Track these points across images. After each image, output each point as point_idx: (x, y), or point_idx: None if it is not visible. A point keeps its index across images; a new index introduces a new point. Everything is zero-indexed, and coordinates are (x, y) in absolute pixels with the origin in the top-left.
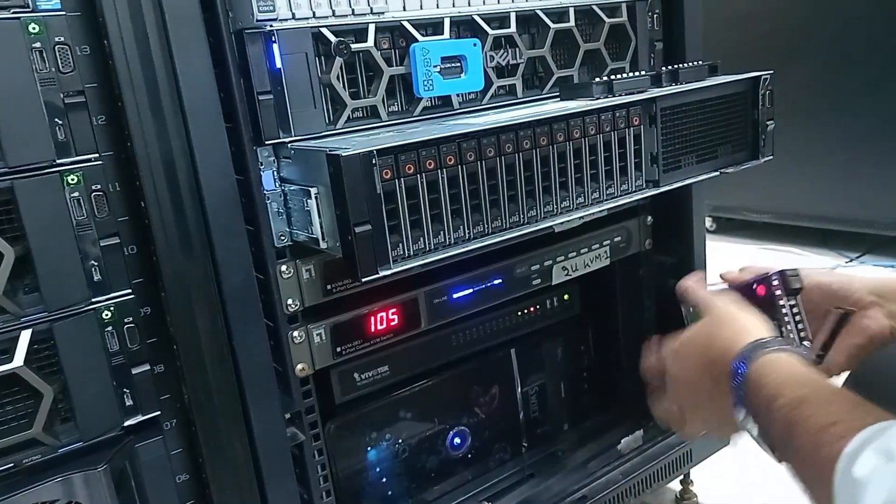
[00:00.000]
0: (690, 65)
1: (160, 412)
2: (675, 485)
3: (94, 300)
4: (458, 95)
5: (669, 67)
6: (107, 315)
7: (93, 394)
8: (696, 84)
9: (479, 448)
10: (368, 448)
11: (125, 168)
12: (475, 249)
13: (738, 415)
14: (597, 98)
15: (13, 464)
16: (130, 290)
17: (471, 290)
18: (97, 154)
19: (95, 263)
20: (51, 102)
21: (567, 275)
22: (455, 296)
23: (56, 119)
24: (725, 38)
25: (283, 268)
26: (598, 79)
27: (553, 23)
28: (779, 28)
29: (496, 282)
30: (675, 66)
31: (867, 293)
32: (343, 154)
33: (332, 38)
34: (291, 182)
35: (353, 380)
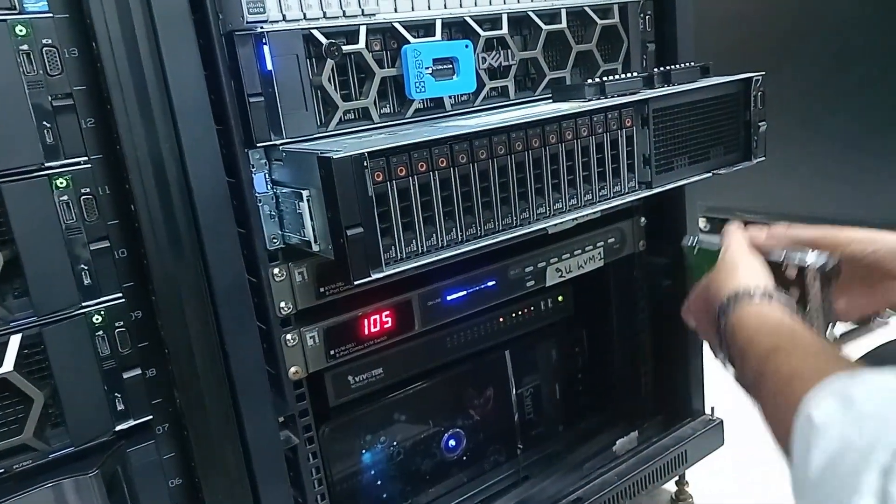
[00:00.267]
0: (682, 66)
1: (152, 416)
2: (671, 486)
3: (85, 304)
4: (451, 97)
5: (662, 69)
6: (97, 319)
7: (83, 398)
8: (689, 85)
9: (474, 450)
10: (363, 451)
11: (115, 171)
12: (468, 252)
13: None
14: (589, 99)
15: (3, 469)
16: (121, 294)
17: (464, 293)
18: (86, 157)
19: (85, 267)
20: (39, 105)
21: (561, 276)
22: (449, 298)
23: (44, 122)
24: (717, 40)
25: (276, 271)
26: (591, 80)
27: (545, 24)
28: (771, 29)
29: (490, 284)
30: (668, 68)
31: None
32: (334, 156)
33: (323, 40)
34: (283, 184)
35: (347, 382)
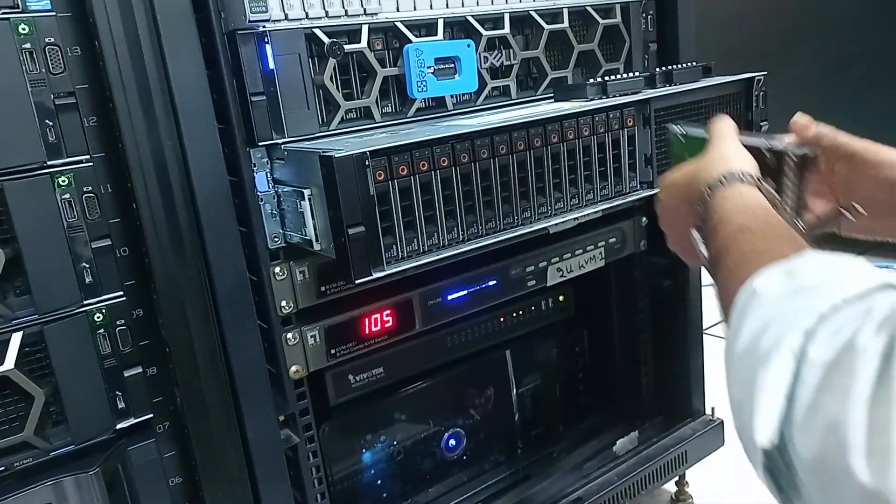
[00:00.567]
0: (684, 66)
1: (153, 415)
2: (671, 486)
3: (86, 302)
4: (452, 96)
5: (663, 68)
6: (98, 317)
7: (84, 397)
8: (690, 85)
9: (475, 450)
10: (363, 450)
11: (117, 169)
12: (469, 251)
13: (694, 235)
14: (591, 99)
15: (4, 467)
16: (122, 293)
17: (465, 292)
18: (88, 155)
19: (87, 265)
20: (41, 104)
21: (562, 276)
22: (450, 297)
23: (46, 120)
24: (719, 40)
25: (277, 269)
26: (592, 80)
27: (547, 24)
28: (773, 29)
29: (491, 283)
30: (669, 68)
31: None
32: (336, 155)
33: (326, 39)
34: (285, 183)
35: (348, 382)
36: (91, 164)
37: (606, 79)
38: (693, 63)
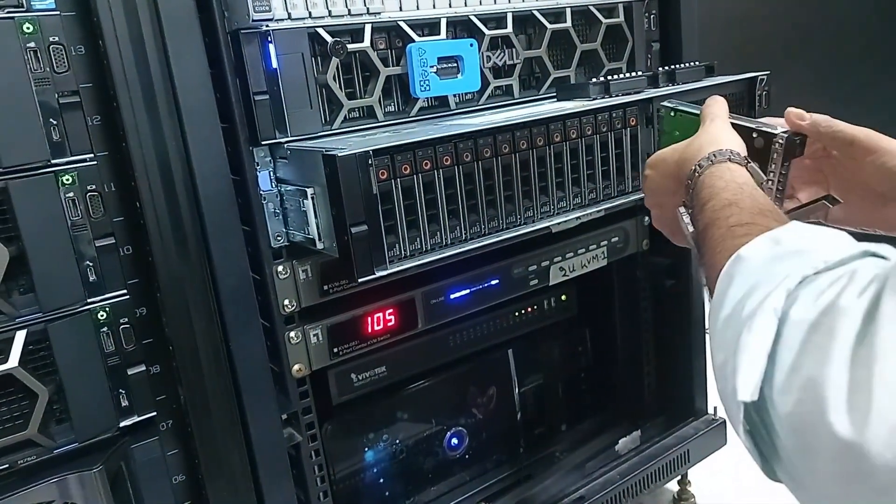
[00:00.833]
0: (687, 65)
1: (156, 413)
2: (673, 485)
3: (90, 301)
4: (455, 96)
5: (666, 68)
6: (102, 316)
7: (88, 395)
8: (693, 84)
9: (477, 449)
10: (366, 449)
11: (120, 168)
12: (472, 250)
13: (681, 213)
14: (594, 98)
15: (8, 465)
16: (126, 291)
17: (468, 291)
18: (92, 154)
19: (91, 264)
20: (45, 102)
21: (564, 275)
22: (452, 296)
23: (51, 119)
24: (722, 39)
25: (280, 268)
26: (595, 79)
27: (550, 23)
28: (776, 29)
29: (493, 282)
30: (672, 67)
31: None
32: (339, 154)
33: (329, 39)
34: (288, 182)
35: (351, 380)
36: (95, 163)
37: (609, 78)
38: (696, 62)
